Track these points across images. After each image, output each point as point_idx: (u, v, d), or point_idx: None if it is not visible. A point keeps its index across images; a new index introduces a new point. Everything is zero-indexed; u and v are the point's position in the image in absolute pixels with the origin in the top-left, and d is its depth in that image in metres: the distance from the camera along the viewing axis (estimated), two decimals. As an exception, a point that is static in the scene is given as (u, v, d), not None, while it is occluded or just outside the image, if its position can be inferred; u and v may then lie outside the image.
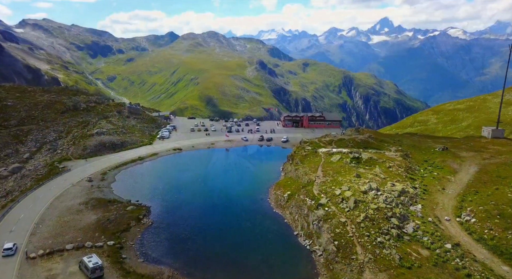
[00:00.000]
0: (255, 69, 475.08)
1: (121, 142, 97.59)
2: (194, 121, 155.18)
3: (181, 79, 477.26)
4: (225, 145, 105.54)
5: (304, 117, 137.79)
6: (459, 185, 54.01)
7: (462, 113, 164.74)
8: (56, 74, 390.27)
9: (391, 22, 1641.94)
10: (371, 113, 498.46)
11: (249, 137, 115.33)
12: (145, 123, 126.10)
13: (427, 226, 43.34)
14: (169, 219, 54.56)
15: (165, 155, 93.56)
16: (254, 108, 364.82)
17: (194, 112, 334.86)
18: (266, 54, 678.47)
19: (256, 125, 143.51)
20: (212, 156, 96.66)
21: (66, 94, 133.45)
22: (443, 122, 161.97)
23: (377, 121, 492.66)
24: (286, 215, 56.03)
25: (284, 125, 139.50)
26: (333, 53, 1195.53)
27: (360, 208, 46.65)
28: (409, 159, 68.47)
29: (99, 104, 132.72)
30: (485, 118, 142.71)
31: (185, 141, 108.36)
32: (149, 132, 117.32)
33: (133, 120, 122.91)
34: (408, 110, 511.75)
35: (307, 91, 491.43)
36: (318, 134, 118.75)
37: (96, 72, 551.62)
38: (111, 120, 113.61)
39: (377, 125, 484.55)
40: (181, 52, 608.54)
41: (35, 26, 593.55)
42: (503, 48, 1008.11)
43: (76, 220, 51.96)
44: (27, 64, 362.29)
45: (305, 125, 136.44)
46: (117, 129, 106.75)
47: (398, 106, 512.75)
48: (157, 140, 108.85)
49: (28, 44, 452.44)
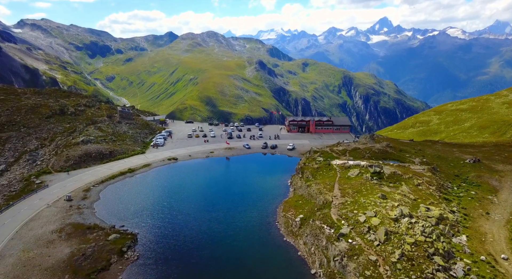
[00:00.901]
0: (254, 69, 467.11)
1: (109, 152, 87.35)
2: (192, 125, 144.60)
3: (180, 79, 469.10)
4: (226, 154, 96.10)
5: (311, 122, 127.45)
6: (506, 209, 45.91)
7: (464, 114, 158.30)
8: (54, 74, 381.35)
9: (390, 22, 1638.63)
10: (371, 113, 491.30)
11: (251, 144, 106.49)
12: (138, 129, 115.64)
13: (481, 267, 35.00)
14: (158, 252, 44.77)
15: (159, 166, 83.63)
16: (254, 108, 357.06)
17: (193, 113, 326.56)
18: (265, 54, 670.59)
19: (259, 129, 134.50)
20: (211, 167, 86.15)
21: (58, 96, 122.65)
22: (445, 122, 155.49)
23: (377, 121, 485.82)
24: (300, 245, 47.05)
25: (288, 130, 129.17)
26: (332, 53, 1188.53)
27: (393, 241, 38.30)
28: (438, 173, 60.02)
29: (89, 107, 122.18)
30: (488, 119, 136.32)
31: (181, 150, 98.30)
32: (142, 139, 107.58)
33: (124, 125, 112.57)
34: (408, 110, 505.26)
35: (307, 91, 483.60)
36: (327, 140, 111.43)
37: (94, 72, 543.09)
38: (100, 126, 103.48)
39: (377, 125, 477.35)
40: (180, 52, 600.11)
41: (34, 26, 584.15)
42: (503, 48, 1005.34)
43: (44, 255, 42.00)
44: (24, 64, 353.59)
45: (311, 131, 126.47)
46: (106, 136, 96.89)
47: (398, 106, 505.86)
48: (150, 148, 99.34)
49: (26, 44, 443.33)
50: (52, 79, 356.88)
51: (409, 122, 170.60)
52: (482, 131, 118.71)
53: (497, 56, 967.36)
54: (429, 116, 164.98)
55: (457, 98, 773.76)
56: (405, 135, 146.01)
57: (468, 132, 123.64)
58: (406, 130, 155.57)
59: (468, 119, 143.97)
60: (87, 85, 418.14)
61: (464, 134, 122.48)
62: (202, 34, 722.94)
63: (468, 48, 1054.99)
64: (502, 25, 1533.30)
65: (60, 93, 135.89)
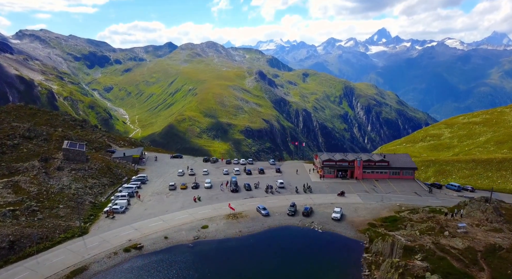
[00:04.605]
0: (254, 79, 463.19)
1: (11, 241, 48.07)
2: (179, 162, 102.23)
3: (179, 89, 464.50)
4: (228, 230, 58.20)
5: (356, 163, 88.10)
6: None
7: (478, 127, 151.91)
8: (50, 85, 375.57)
9: (388, 32, 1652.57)
10: (373, 124, 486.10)
11: (269, 204, 67.72)
12: (92, 177, 75.78)
13: None
14: None
15: (104, 269, 46.58)
16: (254, 119, 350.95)
17: (192, 124, 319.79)
18: (265, 64, 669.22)
19: (276, 171, 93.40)
20: (202, 270, 47.28)
21: (18, 116, 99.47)
22: (458, 136, 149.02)
23: (379, 133, 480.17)
24: None
25: (322, 175, 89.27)
26: (331, 63, 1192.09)
27: None
28: None
29: (29, 139, 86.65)
30: (506, 133, 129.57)
31: (154, 221, 60.22)
32: (93, 199, 68.85)
33: (66, 175, 72.97)
34: (410, 121, 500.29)
35: (307, 102, 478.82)
36: (388, 196, 74.68)
37: (93, 82, 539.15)
38: (18, 182, 64.94)
39: (379, 137, 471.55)
40: (179, 62, 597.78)
41: (32, 36, 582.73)
42: (502, 59, 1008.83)
43: None
44: (20, 75, 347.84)
45: (357, 176, 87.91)
46: (21, 203, 58.53)
47: (400, 117, 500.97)
48: (101, 218, 60.88)
49: (23, 55, 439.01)
50: (47, 90, 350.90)
51: (418, 135, 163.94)
52: (500, 146, 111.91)
53: (497, 66, 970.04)
54: (439, 129, 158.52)
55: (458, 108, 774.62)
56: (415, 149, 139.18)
57: (484, 147, 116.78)
58: (415, 144, 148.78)
59: (483, 133, 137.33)
60: (84, 96, 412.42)
61: (480, 149, 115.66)
62: (201, 44, 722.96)
63: (467, 59, 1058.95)
64: (499, 36, 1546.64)
65: (25, 111, 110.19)
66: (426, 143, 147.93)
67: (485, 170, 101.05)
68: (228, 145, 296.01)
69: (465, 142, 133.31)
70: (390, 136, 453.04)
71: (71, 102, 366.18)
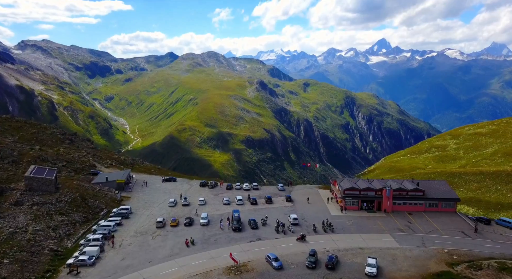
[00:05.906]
0: (255, 89, 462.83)
1: None
2: (172, 187, 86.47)
3: (180, 99, 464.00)
4: None
5: (385, 193, 71.02)
6: None
7: (485, 138, 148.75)
8: (51, 95, 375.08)
9: (388, 43, 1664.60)
10: (374, 134, 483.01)
11: (282, 251, 53.44)
12: (60, 213, 59.27)
13: None
14: None
15: None
16: (255, 129, 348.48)
17: (192, 134, 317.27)
18: (266, 74, 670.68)
19: (286, 200, 77.39)
20: None
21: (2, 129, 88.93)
22: (464, 147, 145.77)
23: (381, 143, 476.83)
24: None
25: (343, 207, 72.68)
26: (332, 73, 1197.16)
27: None
28: None
29: None
30: None
31: None
32: (55, 246, 51.55)
33: (25, 212, 56.50)
34: (412, 131, 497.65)
35: (308, 112, 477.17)
36: (429, 237, 58.49)
37: (93, 92, 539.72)
38: None
39: (381, 147, 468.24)
40: (180, 72, 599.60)
41: (34, 47, 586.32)
42: (502, 69, 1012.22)
43: None
44: (20, 85, 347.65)
45: (386, 208, 71.39)
46: None
47: (402, 127, 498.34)
48: (60, 277, 45.41)
49: (24, 65, 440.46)
50: (47, 100, 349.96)
51: (423, 146, 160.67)
52: (509, 158, 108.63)
53: (497, 77, 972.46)
54: (444, 140, 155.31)
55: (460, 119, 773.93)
56: (420, 161, 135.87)
57: (491, 159, 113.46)
58: (420, 155, 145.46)
59: (489, 144, 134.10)
60: (84, 106, 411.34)
61: (487, 161, 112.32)
62: (202, 54, 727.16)
63: (468, 69, 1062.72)
64: (499, 47, 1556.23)
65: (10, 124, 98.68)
66: (431, 154, 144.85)
67: (494, 183, 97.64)
68: (228, 155, 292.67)
69: (472, 154, 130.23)
70: (392, 146, 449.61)
71: (71, 112, 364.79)
